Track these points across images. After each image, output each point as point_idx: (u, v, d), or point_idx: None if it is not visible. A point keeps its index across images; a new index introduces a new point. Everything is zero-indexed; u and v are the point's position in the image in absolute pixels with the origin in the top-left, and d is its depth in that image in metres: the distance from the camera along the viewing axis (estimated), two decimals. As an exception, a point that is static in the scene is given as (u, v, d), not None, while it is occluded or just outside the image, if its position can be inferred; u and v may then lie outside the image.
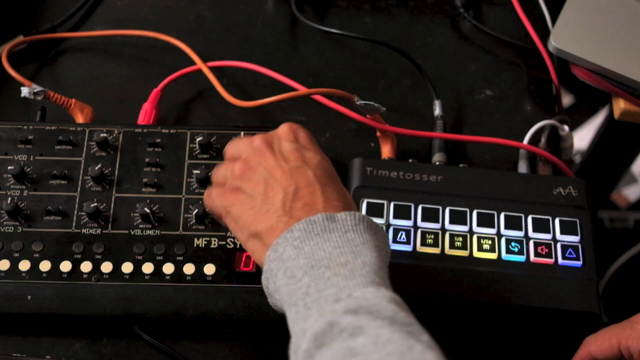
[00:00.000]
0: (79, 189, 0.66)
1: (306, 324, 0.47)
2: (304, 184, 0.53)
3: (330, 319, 0.45)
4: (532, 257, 0.63)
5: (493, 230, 0.64)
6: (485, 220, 0.65)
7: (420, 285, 0.62)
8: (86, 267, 0.62)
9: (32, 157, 0.67)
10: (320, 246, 0.49)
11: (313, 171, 0.54)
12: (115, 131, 0.69)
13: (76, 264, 0.62)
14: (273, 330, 0.63)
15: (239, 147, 0.59)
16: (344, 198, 0.54)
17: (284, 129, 0.58)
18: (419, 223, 0.65)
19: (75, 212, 0.65)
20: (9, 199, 0.65)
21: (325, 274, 0.48)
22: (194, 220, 0.65)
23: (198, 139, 0.68)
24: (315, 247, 0.49)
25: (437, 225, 0.65)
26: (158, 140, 0.68)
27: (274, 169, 0.54)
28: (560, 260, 0.63)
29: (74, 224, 0.64)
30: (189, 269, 0.62)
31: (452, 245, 0.64)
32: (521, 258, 0.63)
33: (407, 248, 0.63)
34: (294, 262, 0.49)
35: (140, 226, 0.64)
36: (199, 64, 0.76)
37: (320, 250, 0.49)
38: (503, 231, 0.65)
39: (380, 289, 0.47)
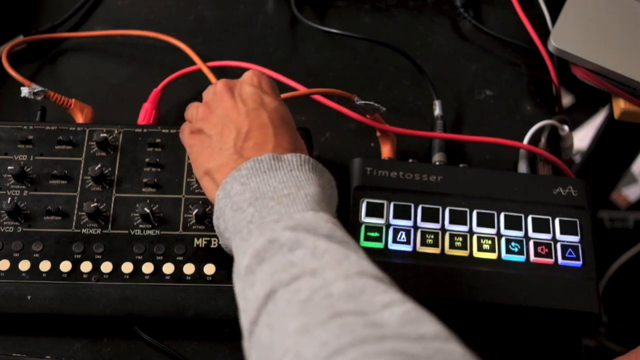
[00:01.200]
0: (79, 189, 0.66)
1: (247, 243, 0.49)
2: (258, 125, 0.56)
3: (271, 236, 0.48)
4: (532, 257, 0.63)
5: (493, 230, 0.64)
6: (485, 220, 0.65)
7: (420, 285, 0.62)
8: (86, 267, 0.62)
9: (32, 157, 0.67)
10: (266, 182, 0.52)
11: (268, 114, 0.57)
12: (115, 131, 0.69)
13: (76, 264, 0.62)
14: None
15: (208, 91, 0.62)
16: (294, 141, 0.57)
17: (248, 74, 0.61)
18: (419, 223, 0.65)
19: (75, 212, 0.65)
20: (9, 199, 0.65)
21: (269, 203, 0.51)
22: (194, 220, 0.65)
23: (198, 139, 0.68)
24: (261, 182, 0.52)
25: (437, 225, 0.65)
26: (158, 140, 0.68)
27: (231, 110, 0.57)
28: (560, 260, 0.63)
29: (74, 224, 0.64)
30: (189, 269, 0.62)
31: (452, 245, 0.64)
32: (521, 258, 0.63)
33: (407, 248, 0.63)
34: (240, 196, 0.52)
35: (140, 226, 0.64)
36: (199, 64, 0.76)
37: (265, 185, 0.52)
38: (503, 231, 0.65)
39: (319, 212, 0.50)
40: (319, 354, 0.40)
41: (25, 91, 0.71)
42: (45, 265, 0.62)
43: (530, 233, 0.65)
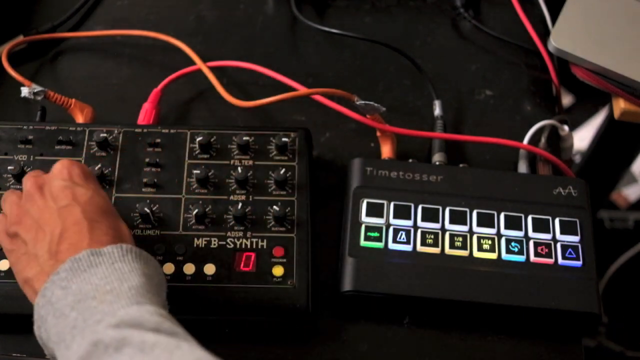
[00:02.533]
0: (79, 189, 0.66)
1: (70, 352, 0.46)
2: (71, 222, 0.53)
3: (93, 338, 0.45)
4: (532, 257, 0.63)
5: (493, 230, 0.64)
6: (485, 220, 0.65)
7: (420, 285, 0.62)
8: (86, 267, 0.62)
9: (32, 157, 0.67)
10: (88, 280, 0.49)
11: (82, 208, 0.53)
12: (115, 131, 0.69)
13: (76, 264, 0.62)
14: (273, 330, 0.63)
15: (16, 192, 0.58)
16: (113, 232, 0.53)
17: (57, 167, 0.58)
18: (419, 223, 0.65)
19: (75, 212, 0.65)
20: (9, 199, 0.65)
21: (91, 304, 0.48)
22: (194, 220, 0.65)
23: (198, 139, 0.68)
24: (82, 282, 0.49)
25: (437, 225, 0.65)
26: (158, 140, 0.68)
27: (43, 211, 0.54)
28: (560, 260, 0.63)
29: (74, 224, 0.64)
30: (189, 269, 0.62)
31: (452, 245, 0.64)
32: (521, 258, 0.63)
33: (407, 248, 0.63)
34: (62, 302, 0.49)
35: (140, 226, 0.64)
36: (199, 64, 0.76)
37: (87, 285, 0.49)
38: (503, 231, 0.65)
39: (144, 306, 0.47)
40: None
41: (25, 91, 0.71)
42: (45, 265, 0.62)
43: (530, 233, 0.65)
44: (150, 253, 0.62)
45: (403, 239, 0.64)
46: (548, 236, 0.64)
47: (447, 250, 0.64)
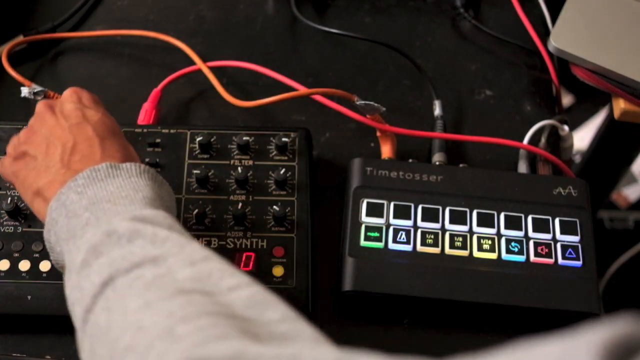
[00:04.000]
0: (79, 189, 0.66)
1: (82, 240, 0.47)
2: (83, 138, 0.55)
3: (107, 228, 0.46)
4: (532, 257, 0.63)
5: (493, 230, 0.64)
6: (485, 220, 0.65)
7: (420, 285, 0.62)
8: (86, 267, 0.62)
9: (32, 157, 0.67)
10: (104, 188, 0.51)
11: (93, 127, 0.56)
12: (115, 131, 0.69)
13: (76, 264, 0.62)
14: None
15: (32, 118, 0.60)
16: (124, 150, 0.56)
17: (67, 92, 0.60)
18: (419, 223, 0.65)
19: (75, 212, 0.65)
20: (9, 199, 0.65)
21: (105, 205, 0.49)
22: (194, 220, 0.65)
23: (198, 139, 0.68)
24: (98, 189, 0.51)
25: (437, 225, 0.65)
26: (158, 140, 0.68)
27: (54, 128, 0.56)
28: (560, 260, 0.63)
29: (74, 224, 0.64)
30: (189, 269, 0.62)
31: (452, 245, 0.64)
32: (521, 258, 0.63)
33: (407, 248, 0.63)
34: (76, 204, 0.50)
35: (140, 226, 0.64)
36: (199, 64, 0.76)
37: (102, 191, 0.50)
38: (503, 231, 0.65)
39: (158, 210, 0.49)
40: (163, 323, 0.39)
41: (25, 91, 0.71)
42: (45, 265, 0.62)
43: (530, 233, 0.65)
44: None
45: (403, 239, 0.64)
46: (548, 236, 0.64)
47: (447, 250, 0.63)
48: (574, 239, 0.64)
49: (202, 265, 0.44)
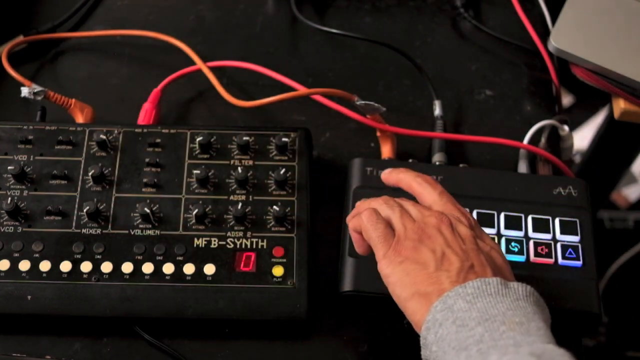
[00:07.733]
0: (78, 189, 0.66)
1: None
2: (478, 263, 0.54)
3: (515, 358, 0.46)
4: (532, 257, 0.63)
5: (493, 230, 0.64)
6: (485, 220, 0.65)
7: (420, 285, 0.61)
8: (86, 267, 0.62)
9: (32, 157, 0.67)
10: (494, 305, 0.50)
11: (485, 256, 0.55)
12: (115, 131, 0.69)
13: (76, 264, 0.62)
14: (273, 330, 0.63)
15: (416, 207, 0.58)
16: (513, 279, 0.55)
17: (459, 214, 0.58)
18: (419, 223, 0.64)
19: (75, 212, 0.65)
20: (9, 199, 0.65)
21: (500, 327, 0.48)
22: (194, 220, 0.65)
23: (198, 139, 0.68)
24: (489, 304, 0.50)
25: (437, 225, 0.64)
26: (158, 140, 0.68)
27: (452, 242, 0.55)
28: (560, 260, 0.63)
29: (73, 224, 0.64)
30: (189, 269, 0.62)
31: (452, 245, 0.63)
32: (521, 258, 0.63)
33: (407, 248, 0.63)
34: (466, 313, 0.50)
35: (140, 226, 0.64)
36: (199, 64, 0.76)
37: (493, 309, 0.50)
38: (503, 231, 0.65)
39: (561, 348, 0.48)
40: None
41: (25, 91, 0.71)
42: (45, 265, 0.62)
43: (530, 233, 0.65)
44: (151, 253, 0.63)
45: (403, 239, 0.63)
46: (548, 236, 0.64)
47: (447, 250, 0.63)
48: (574, 239, 0.64)
49: None
